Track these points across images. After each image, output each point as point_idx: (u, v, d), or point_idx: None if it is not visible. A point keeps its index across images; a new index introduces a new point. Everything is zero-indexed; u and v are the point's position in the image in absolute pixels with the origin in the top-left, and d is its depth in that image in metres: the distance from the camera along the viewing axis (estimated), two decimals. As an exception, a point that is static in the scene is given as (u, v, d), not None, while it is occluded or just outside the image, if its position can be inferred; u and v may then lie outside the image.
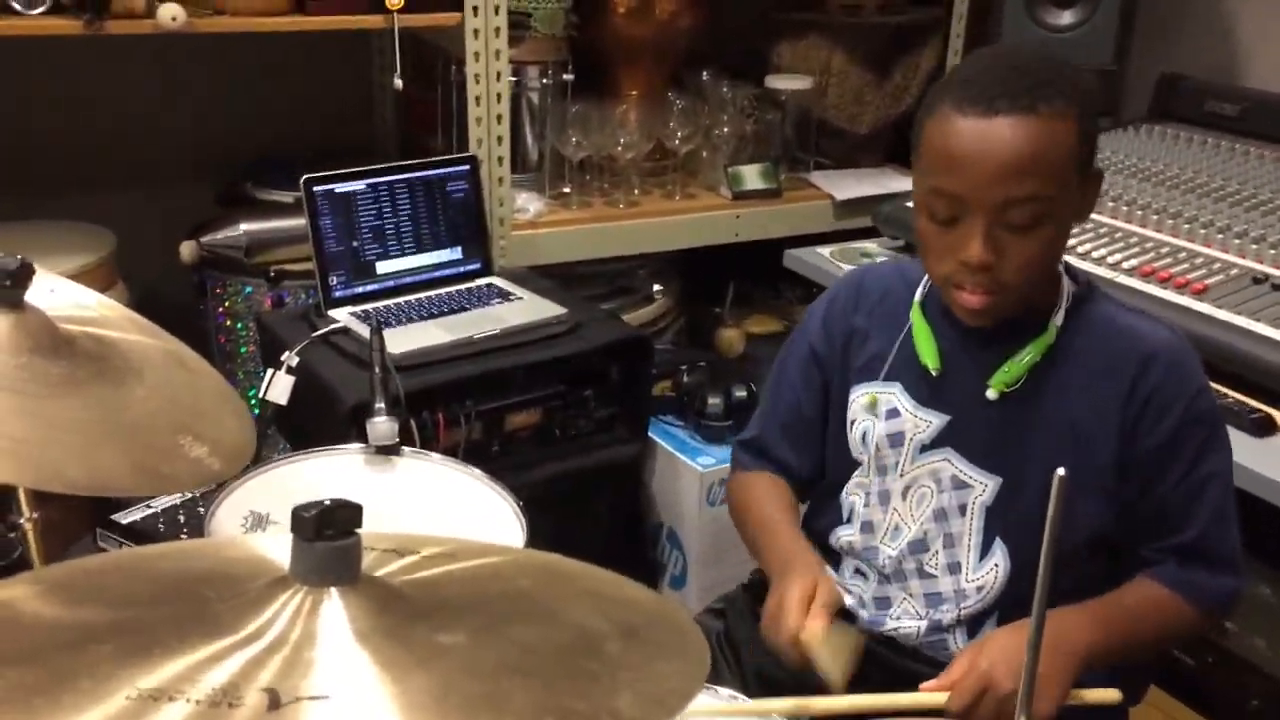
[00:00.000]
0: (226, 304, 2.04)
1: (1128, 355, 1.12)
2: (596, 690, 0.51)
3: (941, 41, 2.49)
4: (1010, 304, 1.10)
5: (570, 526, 1.86)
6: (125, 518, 1.64)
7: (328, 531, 0.58)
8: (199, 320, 2.06)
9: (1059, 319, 1.14)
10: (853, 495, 1.26)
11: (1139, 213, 1.85)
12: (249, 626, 0.55)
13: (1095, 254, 1.75)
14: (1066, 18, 2.21)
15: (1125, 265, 1.71)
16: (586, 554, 1.90)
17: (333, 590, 0.58)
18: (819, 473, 1.34)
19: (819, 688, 1.10)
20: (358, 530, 0.59)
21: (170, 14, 1.71)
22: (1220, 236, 1.73)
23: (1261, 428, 1.41)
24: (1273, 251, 1.67)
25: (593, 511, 1.92)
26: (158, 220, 2.09)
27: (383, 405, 1.42)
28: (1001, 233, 1.05)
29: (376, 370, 1.47)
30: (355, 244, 1.84)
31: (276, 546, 0.67)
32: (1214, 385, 1.45)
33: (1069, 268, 1.18)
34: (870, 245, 2.16)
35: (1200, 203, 1.86)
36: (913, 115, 2.61)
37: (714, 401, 1.99)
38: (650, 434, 1.98)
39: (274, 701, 0.48)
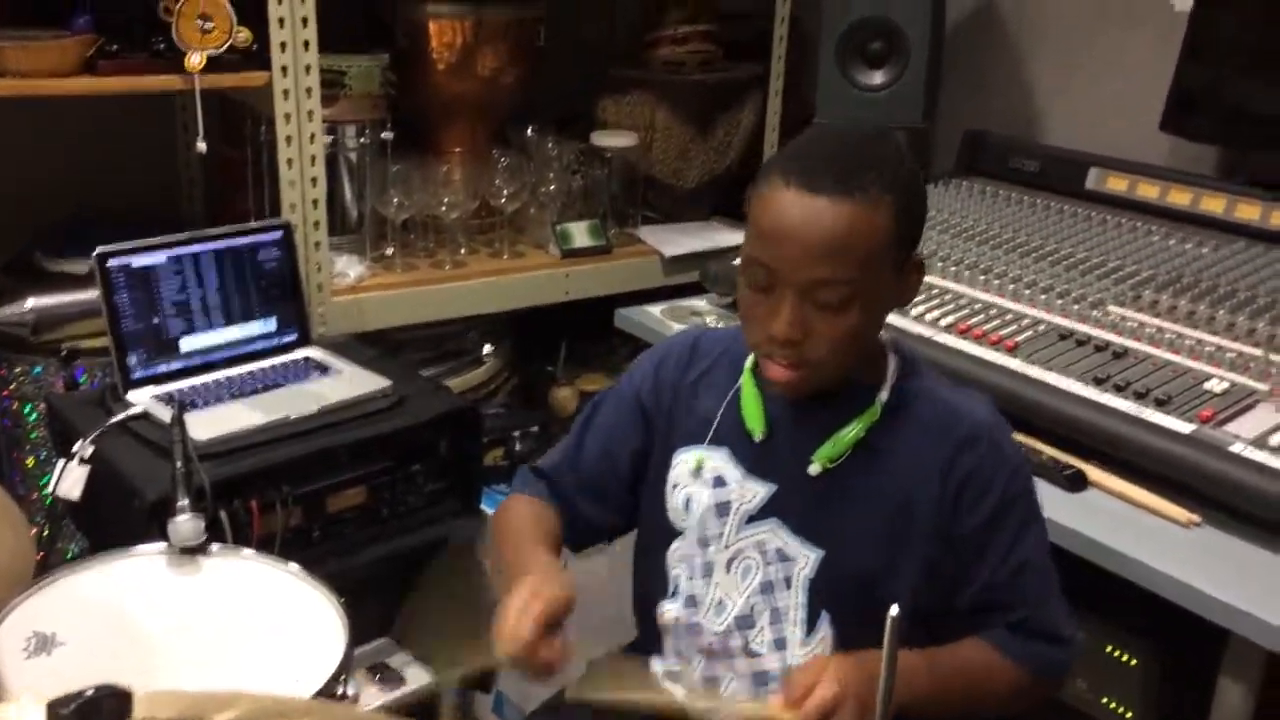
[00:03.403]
0: (13, 386, 1.87)
1: (948, 434, 1.14)
2: None
3: (761, 99, 2.54)
4: (819, 380, 1.12)
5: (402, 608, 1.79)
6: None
7: (87, 726, 0.51)
8: (-18, 403, 1.90)
9: (884, 395, 1.15)
10: (676, 567, 1.24)
11: (953, 269, 1.91)
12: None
13: (914, 311, 1.80)
14: (878, 78, 2.28)
15: (942, 323, 1.76)
16: (420, 635, 1.81)
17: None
18: (606, 529, 1.32)
19: None
20: None
21: (-59, 77, 1.57)
22: (1027, 292, 1.80)
23: (1074, 483, 1.46)
24: (1076, 306, 1.74)
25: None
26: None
27: (186, 501, 1.32)
28: (810, 310, 1.07)
29: (178, 462, 1.37)
30: (156, 320, 1.72)
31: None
32: (1028, 442, 1.51)
33: (897, 345, 1.20)
34: (700, 303, 2.17)
35: (1008, 258, 1.94)
36: (736, 170, 2.68)
37: (547, 469, 1.93)
38: (483, 506, 1.92)
39: None
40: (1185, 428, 1.43)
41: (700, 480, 1.21)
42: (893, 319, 1.77)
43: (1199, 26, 1.96)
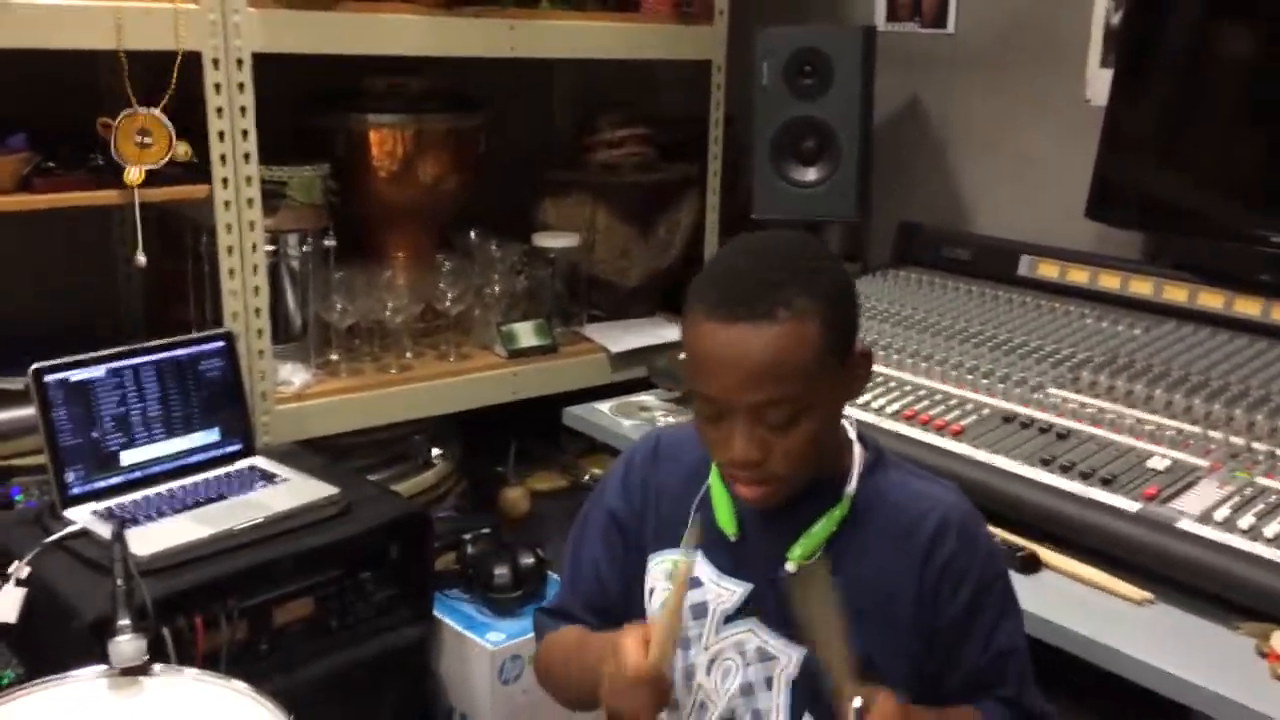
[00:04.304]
0: (-56, 507, 1.81)
1: (920, 523, 1.13)
2: None
3: (699, 196, 2.59)
4: (788, 489, 1.11)
5: (353, 723, 1.74)
6: None
7: None
8: (-90, 527, 1.82)
9: (851, 488, 1.14)
10: None
11: (894, 356, 1.95)
12: None
13: (859, 399, 1.82)
14: (811, 174, 2.34)
15: (888, 410, 1.78)
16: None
17: None
18: None
19: None
20: None
21: (-128, 196, 1.55)
22: (969, 377, 1.84)
23: (1027, 565, 1.47)
24: (1017, 390, 1.78)
25: (378, 703, 1.79)
26: None
27: (127, 621, 1.27)
28: (763, 430, 1.05)
29: (118, 580, 1.33)
30: (95, 434, 1.68)
31: None
32: (980, 525, 1.52)
33: (863, 436, 1.19)
34: (649, 398, 2.17)
35: (948, 345, 1.98)
36: (678, 266, 2.72)
37: (500, 572, 1.91)
38: (436, 612, 1.87)
39: None
40: (1132, 506, 1.46)
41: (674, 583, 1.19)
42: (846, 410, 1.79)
43: (1115, 119, 2.05)
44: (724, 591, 1.17)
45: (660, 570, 1.21)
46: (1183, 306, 1.97)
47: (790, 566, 1.13)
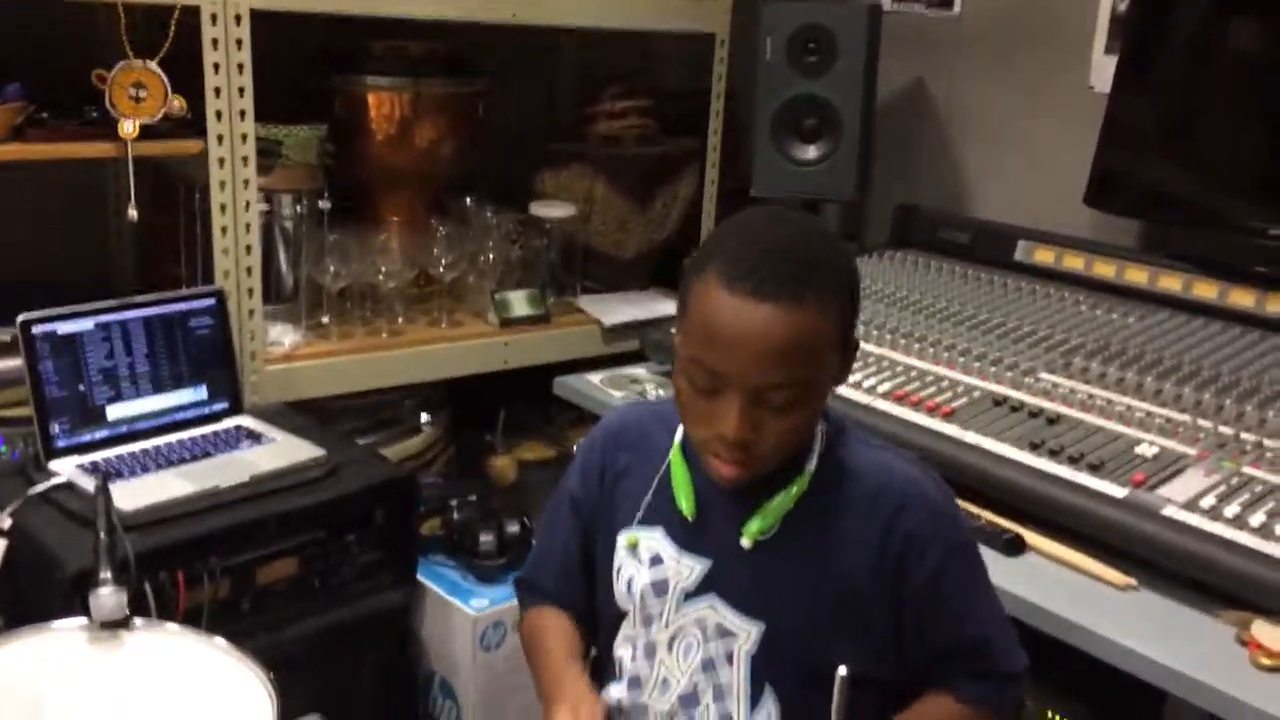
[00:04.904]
0: (-72, 457, 1.80)
1: (882, 495, 1.13)
2: None
3: (699, 172, 2.58)
4: (764, 470, 1.11)
5: (335, 683, 1.74)
6: None
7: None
8: (-106, 476, 1.81)
9: (812, 464, 1.14)
10: (621, 649, 1.22)
11: (888, 337, 1.94)
12: None
13: (852, 379, 1.81)
14: (811, 152, 2.33)
15: (880, 390, 1.77)
16: (353, 711, 1.77)
17: None
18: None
19: None
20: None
21: None
22: (962, 359, 1.83)
23: (1012, 547, 1.47)
24: (1009, 373, 1.78)
25: (359, 665, 1.79)
26: None
27: (108, 574, 1.26)
28: (759, 410, 1.05)
29: (101, 533, 1.32)
30: (82, 388, 1.67)
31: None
32: (966, 507, 1.52)
33: (824, 411, 1.19)
34: (640, 371, 2.17)
35: (941, 327, 1.97)
36: (674, 240, 2.70)
37: (486, 539, 1.91)
38: (419, 577, 1.87)
39: None
40: (1119, 492, 1.46)
41: (638, 560, 1.20)
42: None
43: (1117, 107, 2.04)
44: (684, 568, 1.17)
45: (623, 547, 1.21)
46: (1177, 296, 1.96)
47: (745, 541, 1.13)
